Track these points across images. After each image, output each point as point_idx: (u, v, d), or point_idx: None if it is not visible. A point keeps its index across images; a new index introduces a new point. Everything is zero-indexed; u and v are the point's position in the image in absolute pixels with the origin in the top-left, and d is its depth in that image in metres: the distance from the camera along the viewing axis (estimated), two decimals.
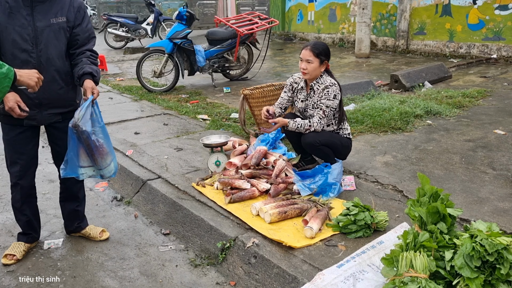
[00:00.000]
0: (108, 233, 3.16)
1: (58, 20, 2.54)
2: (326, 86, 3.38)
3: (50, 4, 2.52)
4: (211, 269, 2.77)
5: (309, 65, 3.36)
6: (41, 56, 2.53)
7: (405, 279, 1.98)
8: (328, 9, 12.13)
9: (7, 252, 2.85)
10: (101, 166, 2.68)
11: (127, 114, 5.85)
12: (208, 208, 3.21)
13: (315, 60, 3.35)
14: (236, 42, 7.24)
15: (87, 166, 2.67)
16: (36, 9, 2.48)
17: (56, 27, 2.54)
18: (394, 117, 4.94)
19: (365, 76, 7.79)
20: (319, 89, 3.42)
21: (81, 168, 2.66)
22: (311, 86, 3.48)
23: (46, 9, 2.50)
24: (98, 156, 2.63)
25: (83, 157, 2.64)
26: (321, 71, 3.43)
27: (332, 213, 2.97)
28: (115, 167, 2.79)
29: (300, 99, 3.58)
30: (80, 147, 2.59)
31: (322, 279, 2.28)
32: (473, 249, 1.91)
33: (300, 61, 3.43)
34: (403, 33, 10.12)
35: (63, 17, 2.56)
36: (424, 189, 2.32)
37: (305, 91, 3.54)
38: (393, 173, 3.63)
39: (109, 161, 2.71)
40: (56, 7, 2.54)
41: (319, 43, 3.42)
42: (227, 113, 5.66)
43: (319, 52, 3.34)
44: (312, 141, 3.39)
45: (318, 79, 3.46)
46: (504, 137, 4.37)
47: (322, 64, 3.40)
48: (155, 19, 12.92)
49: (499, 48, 8.62)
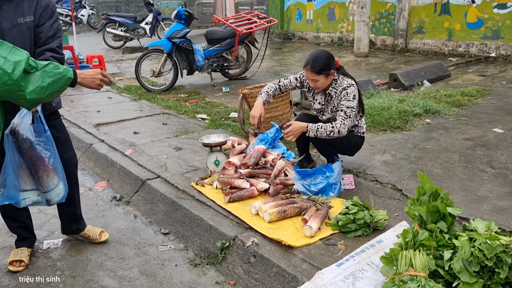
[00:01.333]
0: (108, 234, 3.13)
1: (26, 19, 2.34)
2: (344, 88, 3.30)
3: (18, 3, 2.34)
4: (210, 268, 2.77)
5: (317, 82, 3.29)
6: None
7: (404, 277, 1.99)
8: (327, 8, 12.13)
9: (12, 259, 2.77)
10: (47, 187, 2.35)
11: (126, 113, 5.84)
12: (207, 207, 3.21)
13: (319, 77, 3.26)
14: (235, 42, 7.23)
15: (30, 189, 2.33)
16: (3, 8, 2.30)
17: (24, 27, 2.35)
18: (393, 116, 4.94)
19: (364, 75, 7.79)
20: (337, 93, 3.35)
21: (22, 193, 2.32)
22: (328, 93, 3.42)
23: (14, 8, 2.32)
24: (43, 173, 2.30)
25: (25, 178, 2.29)
26: (331, 80, 3.34)
27: (332, 212, 2.98)
28: (64, 189, 2.44)
29: (317, 100, 3.53)
30: (21, 165, 2.26)
31: (321, 278, 2.29)
32: (472, 255, 1.91)
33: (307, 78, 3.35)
34: (402, 32, 10.13)
35: (31, 16, 2.36)
36: (424, 188, 2.32)
37: (322, 96, 3.49)
38: (392, 172, 3.63)
39: (56, 181, 2.39)
40: (24, 6, 2.35)
41: (316, 59, 3.24)
42: (226, 112, 5.66)
43: (320, 69, 3.22)
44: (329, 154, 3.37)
45: (334, 84, 3.38)
46: (503, 136, 4.37)
47: (329, 76, 3.29)
48: (154, 18, 12.92)
49: (498, 47, 8.63)
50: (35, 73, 1.96)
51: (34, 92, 1.94)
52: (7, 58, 1.86)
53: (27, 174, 2.30)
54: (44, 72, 1.99)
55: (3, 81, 1.84)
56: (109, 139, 4.79)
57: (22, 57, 1.90)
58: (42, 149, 2.29)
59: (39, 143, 2.29)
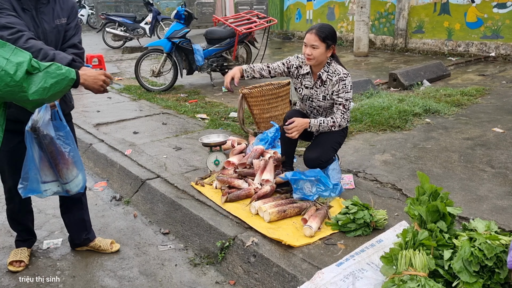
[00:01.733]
0: (119, 245, 3.01)
1: (61, 21, 2.47)
2: (341, 78, 3.12)
3: (52, 6, 2.44)
4: (210, 268, 2.77)
5: (315, 50, 3.06)
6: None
7: (404, 277, 1.99)
8: (326, 8, 12.13)
9: (12, 259, 2.75)
10: (67, 179, 2.41)
11: (126, 113, 5.84)
12: (207, 207, 3.21)
13: (321, 45, 3.04)
14: (235, 41, 7.23)
15: (50, 181, 2.40)
16: (42, 11, 2.40)
17: (60, 29, 2.47)
18: (393, 116, 4.94)
19: (363, 74, 7.79)
20: (332, 81, 3.15)
21: (44, 184, 2.38)
22: (318, 75, 3.20)
23: (50, 11, 2.43)
24: (63, 166, 2.37)
25: (45, 171, 2.36)
26: (327, 57, 3.15)
27: (331, 211, 2.98)
28: (83, 180, 2.51)
29: (304, 85, 3.29)
30: (41, 158, 2.33)
31: (321, 278, 2.29)
32: (472, 254, 1.91)
33: (304, 46, 3.12)
34: (402, 31, 10.13)
35: (64, 18, 2.49)
36: (424, 188, 2.32)
37: (311, 78, 3.26)
38: (392, 172, 3.63)
39: (75, 172, 2.45)
40: (57, 9, 2.46)
41: (325, 26, 3.09)
42: (226, 112, 5.66)
43: (326, 35, 3.03)
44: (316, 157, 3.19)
45: (326, 67, 3.18)
46: (503, 135, 4.37)
47: (329, 49, 3.09)
48: (154, 18, 12.91)
49: (498, 46, 8.63)
50: (38, 74, 1.96)
51: (36, 93, 1.94)
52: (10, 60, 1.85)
53: (47, 167, 2.36)
54: (47, 73, 1.98)
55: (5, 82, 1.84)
56: (109, 139, 4.79)
57: (24, 58, 1.89)
58: (62, 143, 2.35)
59: (59, 138, 2.35)
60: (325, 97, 3.23)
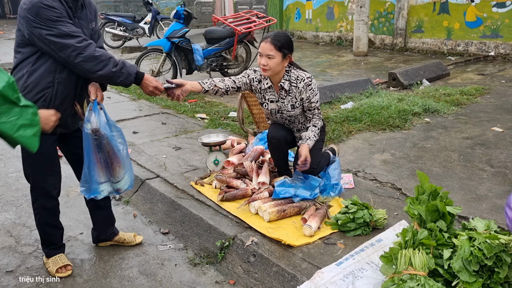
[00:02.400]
0: (141, 237, 3.06)
1: (92, 25, 2.53)
2: (307, 83, 3.02)
3: (85, 11, 2.49)
4: (210, 268, 2.77)
5: (270, 60, 2.91)
6: None
7: (404, 276, 1.99)
8: (326, 7, 12.13)
9: (56, 266, 2.67)
10: (118, 177, 2.52)
11: (125, 113, 5.84)
12: (207, 207, 3.21)
13: (277, 54, 2.90)
14: (234, 41, 7.23)
15: (104, 181, 2.50)
16: (80, 16, 2.44)
17: (92, 33, 2.53)
18: (392, 115, 4.94)
19: (363, 74, 7.79)
20: (298, 88, 3.04)
21: (100, 185, 2.48)
22: (280, 86, 3.07)
23: (84, 15, 2.48)
24: (116, 165, 2.47)
25: (100, 172, 2.45)
26: (284, 66, 3.00)
27: (331, 211, 2.98)
28: (130, 177, 2.59)
29: (269, 99, 3.16)
30: (98, 160, 2.41)
31: (321, 277, 2.29)
32: (471, 254, 1.91)
33: (259, 56, 2.96)
34: (401, 31, 10.13)
35: (94, 22, 2.56)
36: (423, 187, 2.32)
37: (273, 91, 3.13)
38: (392, 171, 3.63)
39: (124, 170, 2.54)
40: (89, 13, 2.52)
41: (280, 34, 2.95)
42: (226, 112, 5.66)
43: (281, 44, 2.90)
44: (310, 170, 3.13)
45: (286, 76, 3.06)
46: (502, 135, 4.37)
47: (285, 59, 2.96)
48: (153, 18, 12.90)
49: (497, 46, 8.63)
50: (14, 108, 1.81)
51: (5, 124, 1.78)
52: None
53: (102, 168, 2.45)
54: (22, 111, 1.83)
55: None
56: None
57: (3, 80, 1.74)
58: (117, 143, 2.44)
59: (115, 137, 2.43)
60: (294, 106, 3.12)
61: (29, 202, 3.65)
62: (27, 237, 3.14)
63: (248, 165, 3.49)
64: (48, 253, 2.76)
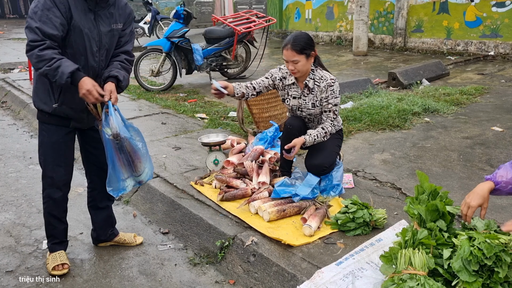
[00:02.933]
0: (142, 238, 3.08)
1: (117, 26, 2.56)
2: (329, 83, 3.11)
3: (111, 10, 2.53)
4: (210, 267, 2.77)
5: (296, 65, 3.06)
6: (102, 60, 2.54)
7: (404, 276, 1.99)
8: (325, 7, 12.13)
9: (54, 264, 2.68)
10: (140, 171, 2.60)
11: (125, 113, 5.76)
12: (206, 206, 3.21)
13: (300, 57, 3.03)
14: (234, 41, 7.23)
15: (127, 177, 2.57)
16: (99, 14, 2.47)
17: (115, 33, 2.56)
18: (392, 115, 4.94)
19: (362, 74, 7.79)
20: (320, 87, 3.15)
21: (123, 182, 2.56)
22: (305, 84, 3.19)
23: (108, 14, 2.51)
24: (137, 161, 2.56)
25: (123, 169, 2.54)
26: (311, 64, 3.14)
27: (331, 211, 2.98)
28: (151, 168, 2.69)
29: (291, 95, 3.28)
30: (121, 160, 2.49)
31: (321, 277, 2.29)
32: (471, 254, 1.90)
33: (285, 62, 3.12)
34: (401, 30, 10.13)
35: (121, 24, 2.58)
36: (423, 187, 2.32)
37: (297, 88, 3.25)
38: (391, 171, 3.63)
39: (145, 164, 2.63)
40: (116, 13, 2.55)
41: (298, 37, 3.04)
42: (225, 111, 5.66)
43: (301, 47, 3.01)
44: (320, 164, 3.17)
45: (311, 75, 3.17)
46: (502, 134, 4.38)
47: (310, 57, 3.08)
48: (152, 18, 12.90)
49: (497, 45, 8.64)
50: None
51: None
52: None
53: (124, 165, 2.52)
54: None
55: None
56: None
57: None
58: (136, 141, 2.53)
59: (133, 137, 2.51)
60: (315, 104, 3.22)
61: (29, 202, 3.66)
62: (27, 237, 3.14)
63: (248, 165, 3.49)
64: (50, 248, 2.78)
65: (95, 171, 2.81)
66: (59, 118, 2.54)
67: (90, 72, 2.47)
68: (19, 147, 5.04)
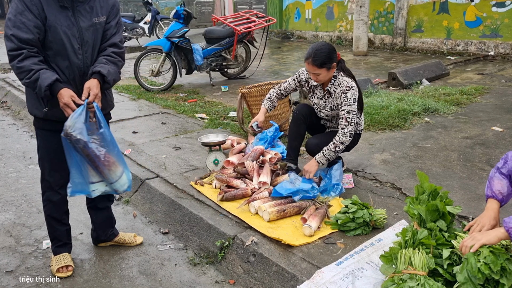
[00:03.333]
0: (142, 238, 3.07)
1: (100, 19, 2.46)
2: (343, 90, 3.19)
3: (91, 4, 2.43)
4: (210, 267, 2.77)
5: (319, 76, 3.19)
6: (86, 57, 2.44)
7: (404, 276, 1.99)
8: (325, 7, 12.13)
9: (58, 266, 2.68)
10: (111, 179, 2.44)
11: (125, 113, 5.84)
12: (206, 206, 3.21)
13: (321, 70, 3.15)
14: (234, 41, 7.23)
15: (97, 181, 2.43)
16: (77, 9, 2.38)
17: (98, 27, 2.46)
18: (392, 115, 4.94)
19: (363, 74, 7.79)
20: (336, 92, 3.26)
21: (91, 185, 2.42)
22: (327, 90, 3.32)
23: (88, 9, 2.42)
24: (103, 168, 2.38)
25: (91, 172, 2.39)
26: (333, 73, 3.24)
27: (331, 211, 2.98)
28: (128, 179, 2.53)
29: (316, 95, 3.43)
30: (83, 160, 2.35)
31: (321, 277, 2.29)
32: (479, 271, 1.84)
33: (308, 72, 3.28)
34: (401, 30, 10.13)
35: (104, 16, 2.47)
36: (423, 187, 2.32)
37: (321, 89, 3.39)
38: (391, 171, 3.63)
39: (119, 172, 2.46)
40: (97, 6, 2.45)
41: (318, 52, 3.12)
42: (225, 111, 5.66)
43: (321, 62, 3.11)
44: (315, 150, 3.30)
45: (332, 81, 3.28)
46: (502, 134, 4.38)
47: (331, 69, 3.18)
48: (153, 18, 12.90)
49: (497, 45, 8.63)
50: None
51: None
52: None
53: (91, 168, 2.38)
54: None
55: None
56: None
57: None
58: (97, 146, 2.33)
59: (94, 141, 2.33)
60: (332, 108, 3.37)
61: (29, 202, 3.66)
62: (27, 237, 3.14)
63: (249, 165, 3.49)
64: (54, 250, 2.78)
65: None
66: (52, 123, 2.47)
67: (76, 72, 2.41)
68: (19, 147, 5.04)
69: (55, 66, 2.38)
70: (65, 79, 2.40)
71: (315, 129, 3.60)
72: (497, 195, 2.12)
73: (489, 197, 2.15)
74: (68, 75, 2.41)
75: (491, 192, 2.14)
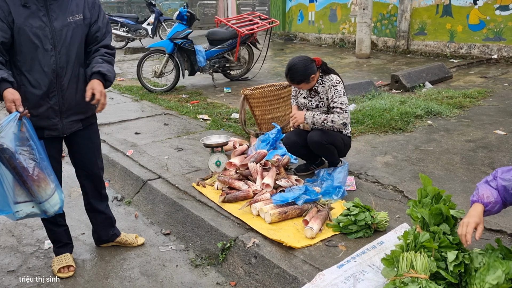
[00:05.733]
0: (143, 239, 3.07)
1: (75, 18, 2.39)
2: (333, 83, 3.32)
3: (65, 3, 2.37)
4: (211, 269, 2.77)
5: (301, 88, 3.41)
6: (60, 58, 2.38)
7: (405, 279, 1.98)
8: (328, 9, 12.13)
9: (59, 266, 2.69)
10: (41, 197, 2.22)
11: (128, 114, 5.85)
12: (208, 208, 3.21)
13: (301, 85, 3.35)
14: (237, 42, 7.24)
15: (22, 201, 2.19)
16: (51, 8, 2.33)
17: (74, 26, 2.39)
18: (395, 118, 4.94)
19: (365, 76, 7.79)
20: (324, 88, 3.36)
21: (16, 205, 2.17)
22: (314, 89, 3.43)
23: (62, 7, 2.36)
24: (31, 183, 2.16)
25: (17, 190, 2.16)
26: (316, 79, 3.38)
27: (333, 213, 2.97)
28: (60, 199, 2.30)
29: (302, 95, 3.54)
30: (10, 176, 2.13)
31: (322, 279, 2.28)
32: None
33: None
34: (404, 33, 10.12)
35: (79, 15, 2.41)
36: (426, 190, 2.31)
37: (306, 91, 3.50)
38: (394, 174, 3.63)
39: (49, 190, 2.24)
40: (72, 5, 2.39)
41: (292, 71, 3.29)
42: (228, 113, 5.66)
43: (299, 79, 3.29)
44: (319, 140, 3.33)
45: (319, 81, 3.40)
46: (505, 138, 4.36)
47: (311, 80, 3.33)
48: (156, 19, 12.92)
49: (500, 49, 8.61)
50: None
51: None
52: None
53: (19, 186, 2.18)
54: None
55: None
56: (111, 139, 4.79)
57: None
58: (26, 158, 2.15)
59: (22, 153, 2.14)
60: (318, 105, 3.44)
61: None
62: (28, 237, 3.14)
63: (252, 166, 3.49)
64: (55, 251, 2.78)
65: (84, 176, 2.75)
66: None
67: (50, 74, 2.36)
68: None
69: (25, 71, 2.33)
70: (35, 83, 2.35)
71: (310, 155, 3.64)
72: (482, 199, 2.07)
73: (474, 202, 2.11)
74: (40, 78, 2.36)
75: (477, 197, 2.10)
